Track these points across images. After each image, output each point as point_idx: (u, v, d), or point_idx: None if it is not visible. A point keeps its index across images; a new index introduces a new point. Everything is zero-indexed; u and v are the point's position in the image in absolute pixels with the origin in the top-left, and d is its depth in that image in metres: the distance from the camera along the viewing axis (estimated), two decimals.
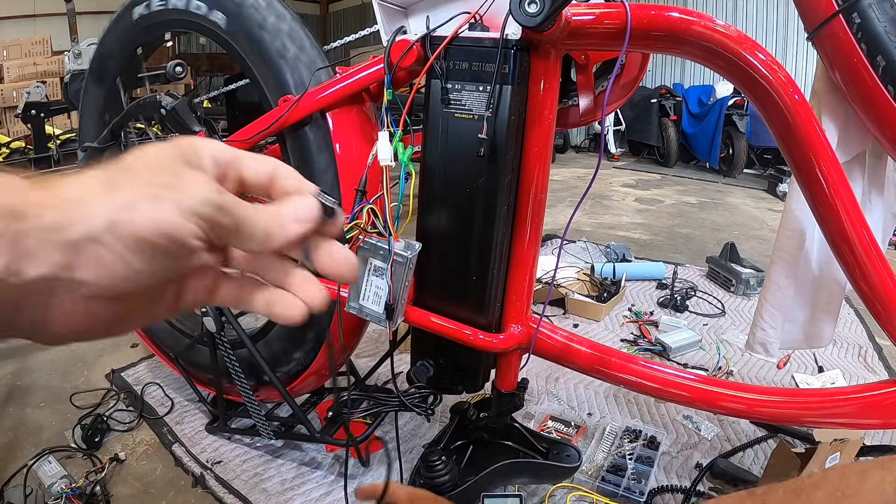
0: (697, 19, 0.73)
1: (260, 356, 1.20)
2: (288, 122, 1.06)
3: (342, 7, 10.94)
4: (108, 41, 1.39)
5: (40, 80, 4.35)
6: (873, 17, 0.81)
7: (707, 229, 3.41)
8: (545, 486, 1.20)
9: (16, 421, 1.48)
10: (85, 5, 5.19)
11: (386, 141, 0.86)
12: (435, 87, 0.84)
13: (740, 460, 1.31)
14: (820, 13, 0.86)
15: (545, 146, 0.86)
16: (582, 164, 6.13)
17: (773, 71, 0.73)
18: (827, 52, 0.89)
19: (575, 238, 3.03)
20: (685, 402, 0.91)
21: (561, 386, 1.63)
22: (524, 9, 0.69)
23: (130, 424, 1.45)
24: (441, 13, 0.86)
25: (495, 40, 0.78)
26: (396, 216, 0.86)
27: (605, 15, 0.76)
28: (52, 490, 1.18)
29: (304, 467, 1.29)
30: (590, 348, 0.94)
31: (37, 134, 3.75)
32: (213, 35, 1.15)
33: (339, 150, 1.06)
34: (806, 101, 0.74)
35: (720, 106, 5.16)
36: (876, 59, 0.82)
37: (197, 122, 1.25)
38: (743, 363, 1.79)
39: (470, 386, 1.00)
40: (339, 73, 1.08)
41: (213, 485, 1.22)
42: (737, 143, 5.15)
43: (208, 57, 7.74)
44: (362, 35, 1.27)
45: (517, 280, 0.93)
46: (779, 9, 5.62)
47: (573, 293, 2.19)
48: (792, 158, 0.78)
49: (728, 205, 4.19)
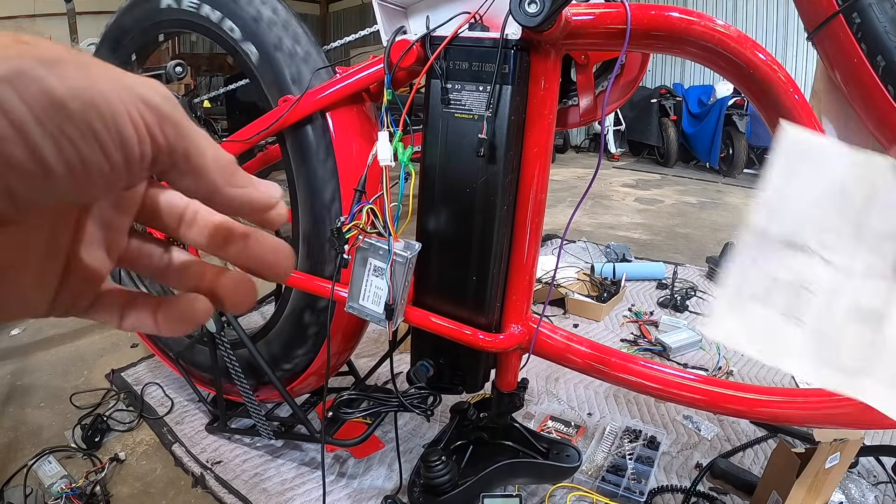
0: (697, 19, 0.73)
1: (260, 356, 1.20)
2: (288, 122, 1.06)
3: (342, 7, 10.94)
4: (127, 19, 1.33)
5: None
6: (873, 17, 0.81)
7: (707, 229, 3.41)
8: (545, 487, 1.20)
9: (16, 421, 1.48)
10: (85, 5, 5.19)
11: (386, 141, 0.86)
12: (435, 87, 0.84)
13: (740, 460, 1.30)
14: (820, 13, 0.86)
15: (545, 146, 0.86)
16: (582, 164, 6.13)
17: (773, 71, 0.73)
18: (827, 52, 0.89)
19: (575, 238, 3.03)
20: (685, 402, 0.91)
21: (561, 386, 1.63)
22: (524, 9, 0.69)
23: (130, 424, 1.45)
24: (441, 13, 0.86)
25: (495, 40, 0.78)
26: (396, 216, 0.86)
27: (605, 15, 0.76)
28: (52, 490, 1.18)
29: (304, 467, 1.28)
30: (590, 348, 0.94)
31: None
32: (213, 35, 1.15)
33: (338, 150, 1.06)
34: (806, 101, 0.74)
35: (720, 106, 5.16)
36: (876, 59, 0.82)
37: (197, 121, 1.25)
38: (743, 363, 1.79)
39: (470, 386, 1.00)
40: (339, 73, 1.08)
41: (213, 485, 1.22)
42: (737, 143, 5.15)
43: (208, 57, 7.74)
44: (362, 35, 1.27)
45: (517, 280, 0.93)
46: (779, 9, 5.63)
47: (573, 293, 2.19)
48: None
49: (728, 205, 4.19)
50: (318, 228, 1.09)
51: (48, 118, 0.16)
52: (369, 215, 0.87)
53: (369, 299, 0.89)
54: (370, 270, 0.88)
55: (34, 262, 0.20)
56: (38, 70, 0.16)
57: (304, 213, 1.10)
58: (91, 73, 0.17)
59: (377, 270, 0.87)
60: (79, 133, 0.17)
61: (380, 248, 0.86)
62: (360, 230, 0.87)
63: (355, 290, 0.90)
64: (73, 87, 0.16)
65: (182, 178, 0.20)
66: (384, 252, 0.85)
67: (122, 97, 0.17)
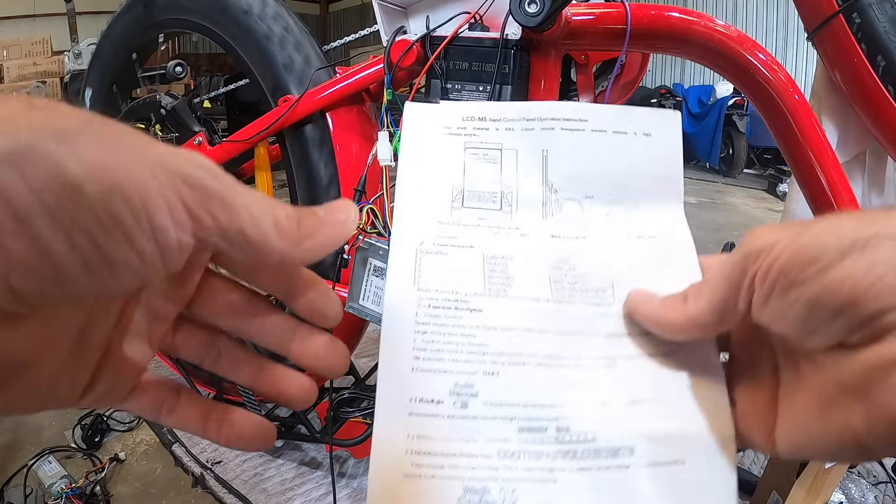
0: (697, 19, 0.73)
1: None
2: (288, 122, 1.06)
3: (342, 7, 10.94)
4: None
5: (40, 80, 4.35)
6: (873, 17, 0.81)
7: (707, 229, 3.41)
8: None
9: (16, 421, 1.48)
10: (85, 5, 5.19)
11: (386, 141, 0.86)
12: (435, 87, 0.84)
13: (740, 460, 1.30)
14: (820, 13, 0.86)
15: None
16: None
17: (773, 71, 0.73)
18: (827, 52, 0.89)
19: None
20: None
21: None
22: (524, 9, 0.69)
23: (130, 424, 1.45)
24: (441, 13, 0.86)
25: (495, 40, 0.78)
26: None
27: (605, 15, 0.76)
28: (52, 490, 1.18)
29: (304, 467, 1.29)
30: None
31: None
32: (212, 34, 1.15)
33: (338, 149, 1.06)
34: (806, 101, 0.74)
35: (720, 106, 5.16)
36: (876, 59, 0.82)
37: (197, 122, 1.25)
38: None
39: None
40: (339, 73, 1.08)
41: (213, 485, 1.22)
42: (737, 143, 5.15)
43: (208, 57, 7.74)
44: (362, 35, 1.27)
45: None
46: (779, 9, 5.63)
47: None
48: (792, 158, 0.78)
49: (728, 205, 4.19)
50: None
51: (58, 206, 0.13)
52: (369, 215, 0.87)
53: (369, 299, 0.89)
54: (370, 270, 0.88)
55: (62, 354, 0.17)
56: (49, 145, 0.13)
57: None
58: (116, 147, 0.14)
59: (377, 270, 0.87)
60: (97, 223, 0.13)
61: (380, 248, 0.86)
62: (360, 230, 0.87)
63: (355, 290, 0.90)
64: (93, 166, 0.13)
65: (242, 256, 0.18)
66: (384, 252, 0.85)
67: (156, 176, 0.14)
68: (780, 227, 0.21)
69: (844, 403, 0.19)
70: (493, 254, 0.28)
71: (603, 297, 0.27)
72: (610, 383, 0.25)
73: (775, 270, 0.20)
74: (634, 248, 0.29)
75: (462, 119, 0.32)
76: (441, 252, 0.28)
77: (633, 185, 0.31)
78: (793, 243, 0.20)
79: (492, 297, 0.27)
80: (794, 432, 0.21)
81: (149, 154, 0.15)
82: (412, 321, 0.25)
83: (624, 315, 0.27)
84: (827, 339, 0.19)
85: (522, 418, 0.24)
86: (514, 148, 0.31)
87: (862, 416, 0.18)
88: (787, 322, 0.20)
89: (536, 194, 0.30)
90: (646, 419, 0.24)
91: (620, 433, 0.24)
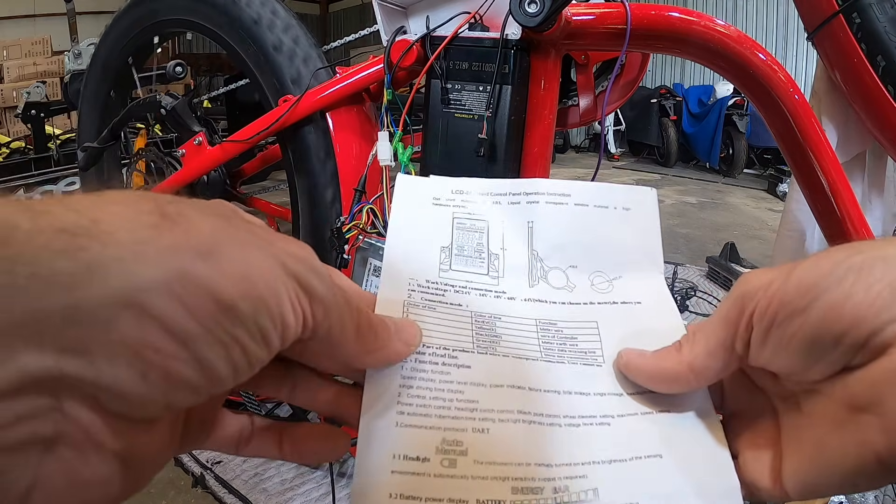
0: (697, 19, 0.73)
1: None
2: (288, 122, 1.06)
3: (342, 7, 10.94)
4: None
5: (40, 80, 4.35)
6: (873, 17, 0.81)
7: (707, 229, 3.41)
8: None
9: None
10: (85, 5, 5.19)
11: (386, 141, 0.86)
12: (435, 87, 0.84)
13: None
14: (820, 13, 0.86)
15: (545, 146, 0.86)
16: (582, 164, 6.13)
17: (773, 71, 0.73)
18: (827, 52, 0.89)
19: None
20: None
21: None
22: (524, 9, 0.69)
23: None
24: (441, 13, 0.86)
25: (495, 40, 0.78)
26: None
27: (605, 15, 0.76)
28: None
29: (304, 467, 1.28)
30: None
31: (37, 134, 3.75)
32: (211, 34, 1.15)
33: (338, 149, 1.06)
34: (806, 101, 0.74)
35: (720, 106, 5.16)
36: (876, 59, 0.82)
37: (197, 121, 1.25)
38: None
39: None
40: (339, 73, 1.08)
41: (213, 485, 1.22)
42: (737, 143, 5.15)
43: (207, 57, 7.74)
44: (362, 35, 1.27)
45: None
46: (779, 9, 5.63)
47: None
48: (792, 158, 0.78)
49: (728, 205, 4.20)
50: (318, 228, 1.09)
51: (217, 325, 0.14)
52: (369, 215, 0.87)
53: None
54: (370, 270, 0.88)
55: (168, 438, 0.18)
56: (198, 268, 0.13)
57: (304, 213, 1.10)
58: (249, 256, 0.15)
59: (377, 270, 0.87)
60: (248, 335, 0.14)
61: (380, 248, 0.86)
62: (360, 230, 0.87)
63: None
64: (239, 283, 0.14)
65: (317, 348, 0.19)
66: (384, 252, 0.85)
67: (284, 281, 0.16)
68: (772, 269, 0.21)
69: (859, 422, 0.19)
70: (482, 312, 0.28)
71: (592, 357, 0.27)
72: (607, 442, 0.25)
73: (775, 304, 0.20)
74: (620, 312, 0.30)
75: (451, 192, 0.33)
76: (429, 306, 0.28)
77: (614, 255, 0.32)
78: (789, 277, 0.20)
79: (480, 353, 0.26)
80: (804, 469, 0.21)
81: (273, 255, 0.16)
82: (397, 375, 0.24)
83: (615, 374, 0.27)
84: (830, 367, 0.19)
85: (516, 478, 0.23)
86: (501, 219, 0.32)
87: (879, 430, 0.18)
88: (789, 355, 0.20)
89: (522, 262, 0.31)
90: (647, 477, 0.24)
91: (622, 492, 0.23)
